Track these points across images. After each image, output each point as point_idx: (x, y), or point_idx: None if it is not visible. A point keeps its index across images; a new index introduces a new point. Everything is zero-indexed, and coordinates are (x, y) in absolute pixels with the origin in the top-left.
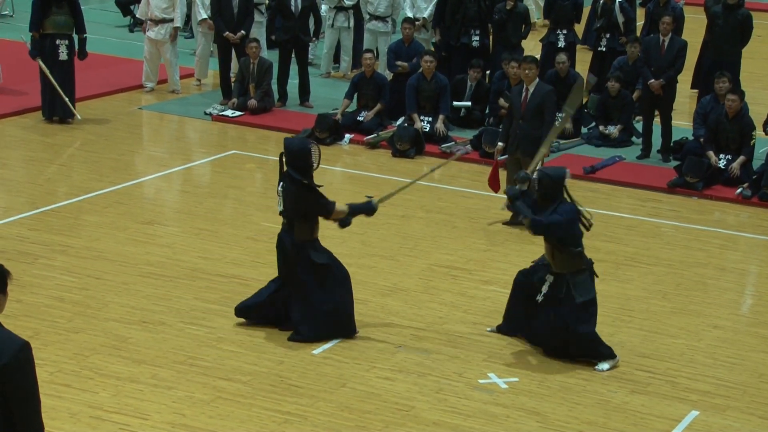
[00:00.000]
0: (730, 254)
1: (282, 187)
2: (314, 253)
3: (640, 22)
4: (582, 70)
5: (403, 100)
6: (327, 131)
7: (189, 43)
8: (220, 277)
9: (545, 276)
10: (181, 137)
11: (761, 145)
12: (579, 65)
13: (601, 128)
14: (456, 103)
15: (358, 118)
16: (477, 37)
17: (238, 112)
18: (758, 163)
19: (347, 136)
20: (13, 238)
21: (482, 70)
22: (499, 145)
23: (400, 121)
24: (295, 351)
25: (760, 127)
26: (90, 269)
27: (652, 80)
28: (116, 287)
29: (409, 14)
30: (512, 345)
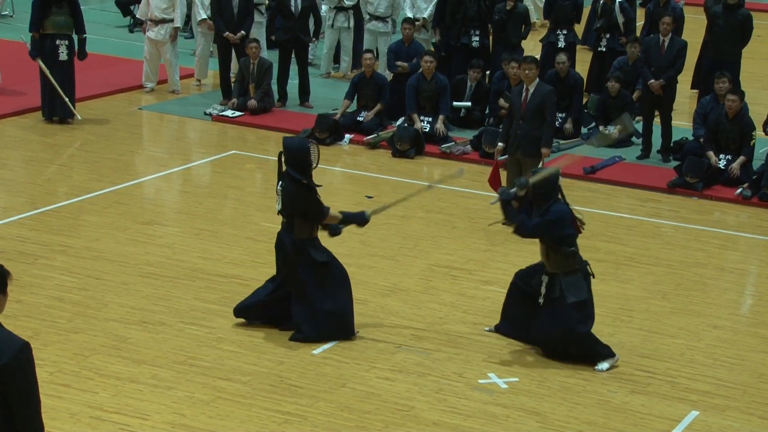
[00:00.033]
0: (730, 254)
1: (281, 187)
2: (314, 252)
3: (640, 22)
4: (582, 70)
5: (403, 101)
6: (327, 131)
7: (189, 44)
8: (219, 277)
9: (542, 277)
10: (181, 137)
11: (761, 145)
12: (579, 65)
13: (601, 128)
14: (456, 104)
15: (358, 119)
16: (477, 38)
17: (238, 113)
18: (758, 164)
19: (347, 137)
20: (13, 239)
21: (482, 71)
22: (499, 145)
23: (400, 121)
24: (295, 351)
25: (760, 127)
26: (90, 269)
27: (652, 80)
28: (116, 287)
29: (409, 14)
30: (512, 345)
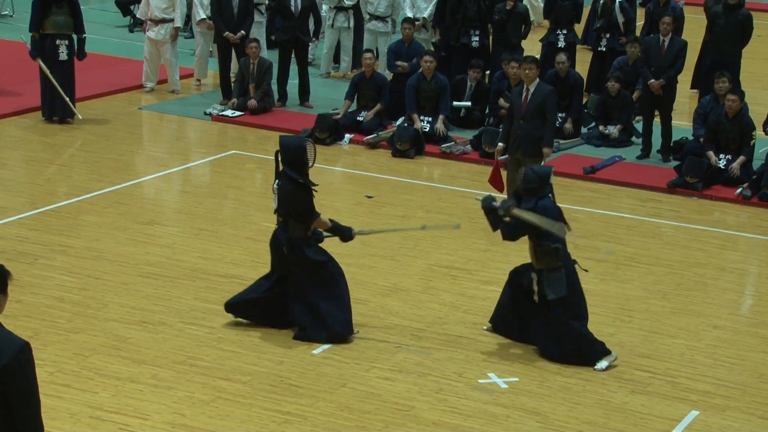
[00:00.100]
0: (730, 254)
1: (277, 185)
2: (309, 251)
3: (640, 22)
4: (582, 70)
5: (403, 100)
6: (327, 131)
7: (189, 43)
8: (220, 277)
9: (531, 275)
10: (181, 137)
11: (761, 145)
12: (579, 65)
13: (601, 128)
14: (456, 104)
15: (358, 118)
16: (477, 38)
17: (238, 112)
18: (758, 163)
19: (347, 136)
20: (13, 239)
21: (482, 71)
22: (500, 145)
23: (400, 121)
24: (295, 351)
25: (760, 127)
26: (90, 269)
27: (652, 80)
28: (116, 287)
29: (409, 14)
30: (512, 345)
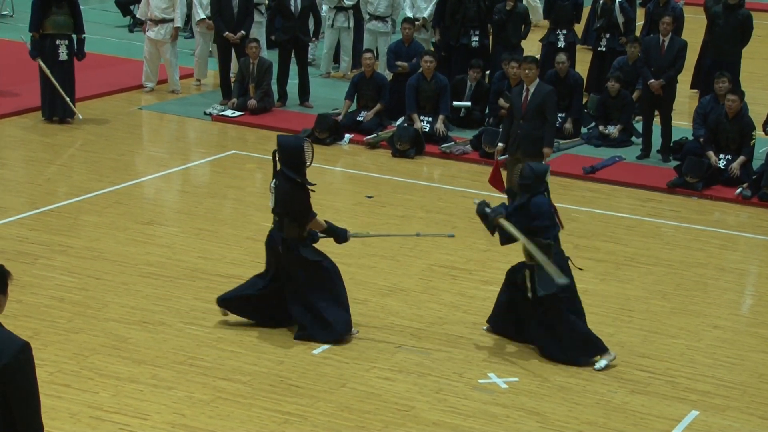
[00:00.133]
0: (730, 254)
1: (274, 185)
2: (304, 250)
3: (640, 22)
4: (582, 70)
5: (403, 100)
6: (327, 131)
7: (189, 43)
8: (220, 277)
9: (525, 272)
10: (181, 137)
11: (761, 145)
12: (579, 65)
13: (601, 128)
14: (456, 104)
15: (358, 118)
16: (476, 38)
17: (238, 112)
18: (758, 163)
19: (347, 136)
20: (13, 238)
21: (482, 71)
22: (500, 145)
23: (399, 121)
24: (295, 351)
25: (760, 127)
26: (90, 269)
27: (652, 80)
28: (116, 287)
29: (409, 14)
30: (512, 345)
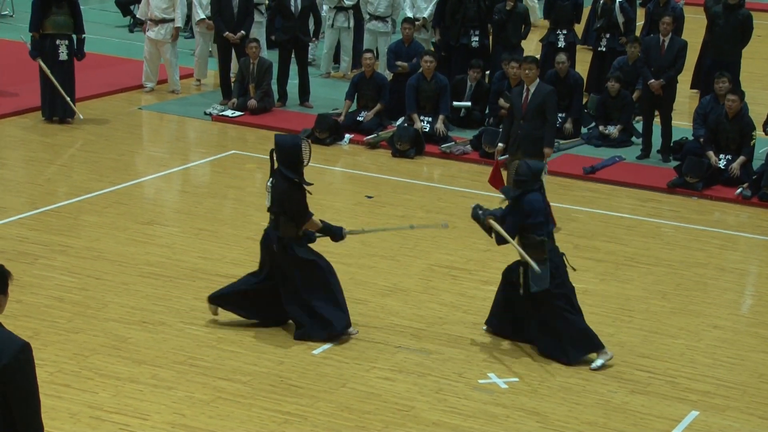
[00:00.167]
0: (730, 254)
1: (271, 183)
2: (299, 250)
3: (640, 22)
4: (582, 70)
5: (403, 100)
6: (327, 131)
7: (189, 43)
8: (220, 277)
9: (519, 269)
10: (181, 137)
11: (761, 145)
12: (579, 65)
13: (601, 128)
14: (456, 104)
15: (358, 118)
16: (476, 38)
17: (238, 112)
18: (758, 163)
19: (347, 136)
20: (13, 239)
21: (482, 71)
22: (500, 145)
23: (399, 121)
24: (295, 351)
25: (760, 127)
26: (90, 269)
27: (652, 80)
28: (116, 287)
29: (409, 14)
30: (512, 345)
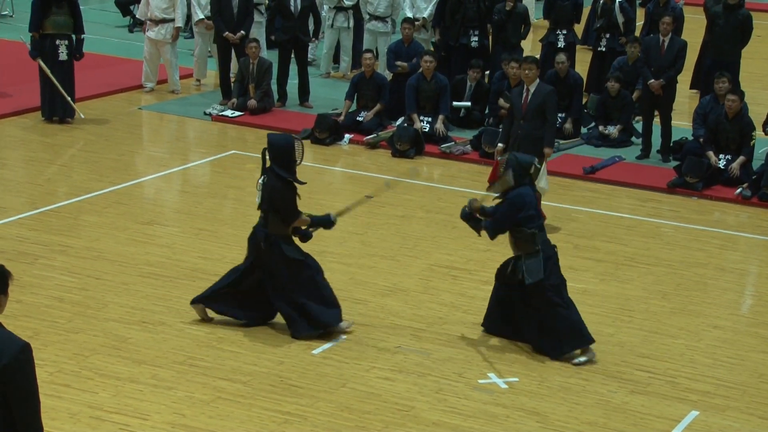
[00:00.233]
0: (730, 254)
1: (263, 182)
2: (287, 248)
3: (640, 22)
4: (582, 70)
5: (403, 101)
6: (327, 131)
7: (189, 43)
8: (219, 277)
9: (511, 263)
10: (181, 137)
11: (761, 145)
12: (579, 65)
13: (601, 128)
14: (456, 104)
15: (358, 119)
16: (476, 38)
17: (238, 113)
18: (758, 164)
19: (347, 136)
20: (13, 239)
21: (482, 71)
22: (500, 145)
23: (399, 121)
24: (295, 351)
25: (760, 127)
26: (90, 269)
27: (652, 80)
28: (116, 287)
29: (409, 14)
30: (512, 345)
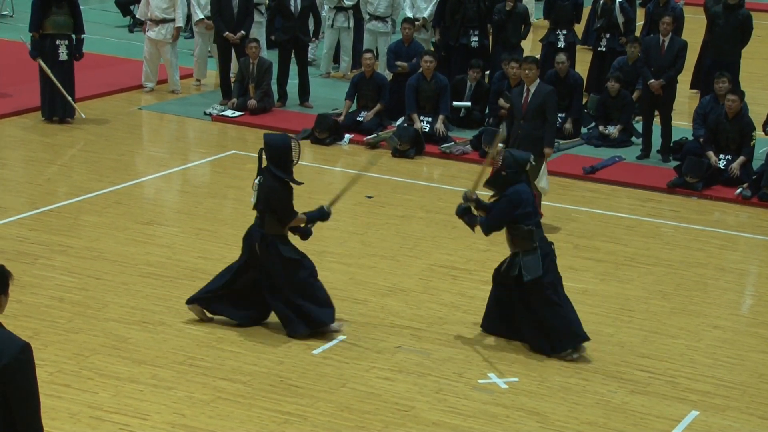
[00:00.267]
0: (730, 254)
1: (259, 182)
2: (283, 248)
3: (640, 22)
4: (582, 70)
5: (403, 100)
6: (327, 131)
7: (188, 43)
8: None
9: (506, 261)
10: (181, 137)
11: (761, 145)
12: (579, 65)
13: (601, 128)
14: (456, 104)
15: (358, 119)
16: (476, 38)
17: (238, 113)
18: (758, 164)
19: (347, 137)
20: (13, 239)
21: (482, 71)
22: (500, 146)
23: (399, 121)
24: (295, 351)
25: (760, 127)
26: (90, 269)
27: (652, 80)
28: (116, 287)
29: (409, 14)
30: (512, 345)
